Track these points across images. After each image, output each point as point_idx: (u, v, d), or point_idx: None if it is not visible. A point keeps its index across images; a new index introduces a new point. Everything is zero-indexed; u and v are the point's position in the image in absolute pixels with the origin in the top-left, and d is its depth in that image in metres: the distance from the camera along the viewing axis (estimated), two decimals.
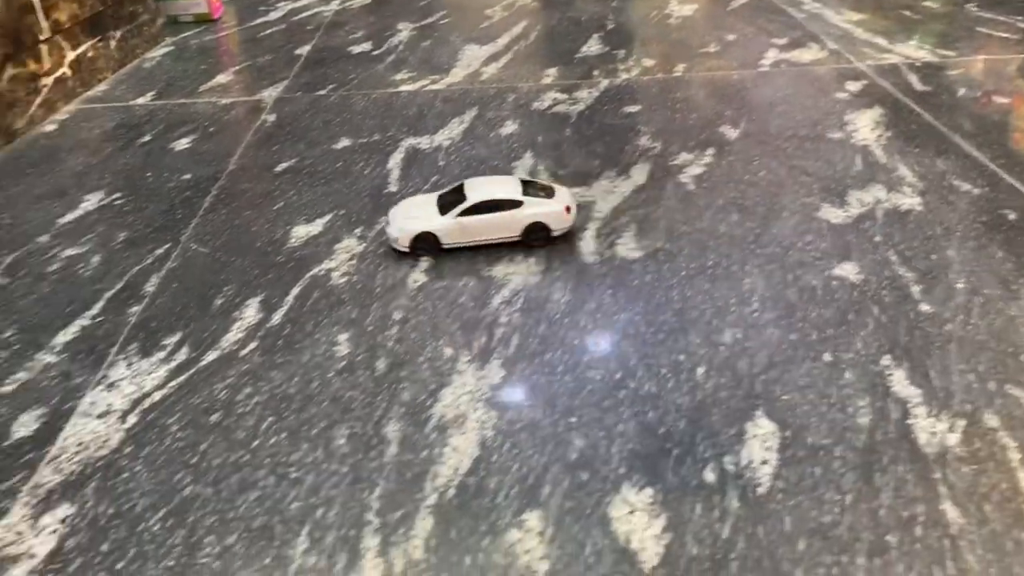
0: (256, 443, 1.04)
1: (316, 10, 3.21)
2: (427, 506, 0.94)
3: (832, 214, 1.49)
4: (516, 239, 1.44)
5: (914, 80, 2.11)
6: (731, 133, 1.85)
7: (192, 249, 1.51)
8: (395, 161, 1.82)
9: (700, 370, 1.12)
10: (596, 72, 2.30)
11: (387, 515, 0.93)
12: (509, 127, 1.96)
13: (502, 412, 1.07)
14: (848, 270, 1.33)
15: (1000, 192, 1.53)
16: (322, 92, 2.26)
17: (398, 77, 2.36)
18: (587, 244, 1.45)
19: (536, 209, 1.42)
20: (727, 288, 1.30)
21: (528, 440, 1.02)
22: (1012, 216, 1.45)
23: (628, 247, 1.43)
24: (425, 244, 1.43)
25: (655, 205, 1.56)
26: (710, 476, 0.96)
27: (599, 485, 0.95)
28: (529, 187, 1.46)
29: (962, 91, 2.02)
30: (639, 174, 1.69)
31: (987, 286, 1.26)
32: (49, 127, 2.15)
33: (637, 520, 0.91)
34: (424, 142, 1.91)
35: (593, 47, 2.53)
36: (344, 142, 1.93)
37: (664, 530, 0.89)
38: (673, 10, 2.91)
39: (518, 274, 1.37)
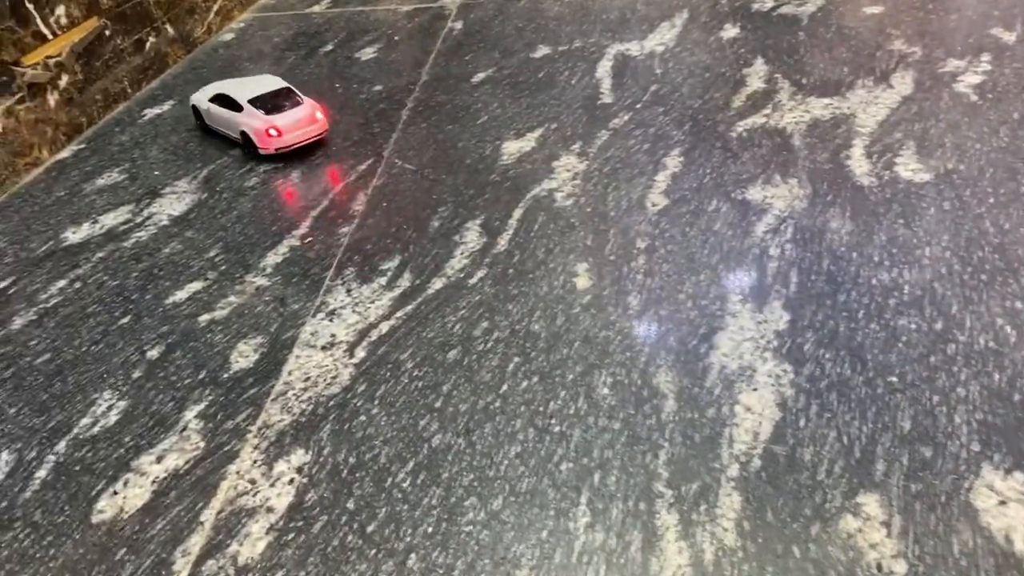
0: (505, 387, 0.89)
1: None
2: (730, 479, 0.76)
3: None
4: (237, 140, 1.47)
5: None
6: (1007, 36, 1.54)
7: (398, 165, 1.36)
8: (604, 70, 1.61)
9: None
10: None
11: (680, 487, 0.76)
12: (730, 31, 1.71)
13: (798, 365, 0.88)
14: None
15: None
16: None
17: None
18: (857, 163, 1.21)
19: (248, 120, 1.42)
20: None
21: (842, 403, 0.82)
22: None
23: (911, 168, 1.19)
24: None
25: (933, 119, 1.30)
26: None
27: (950, 465, 0.75)
28: (273, 98, 1.44)
29: None
30: (902, 83, 1.42)
31: None
32: (227, 36, 2.05)
33: (1014, 513, 0.70)
34: (634, 48, 1.69)
35: None
36: (543, 50, 1.73)
37: None
38: None
39: (780, 198, 1.16)
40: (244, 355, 0.99)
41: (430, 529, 0.75)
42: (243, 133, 1.43)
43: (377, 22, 2.01)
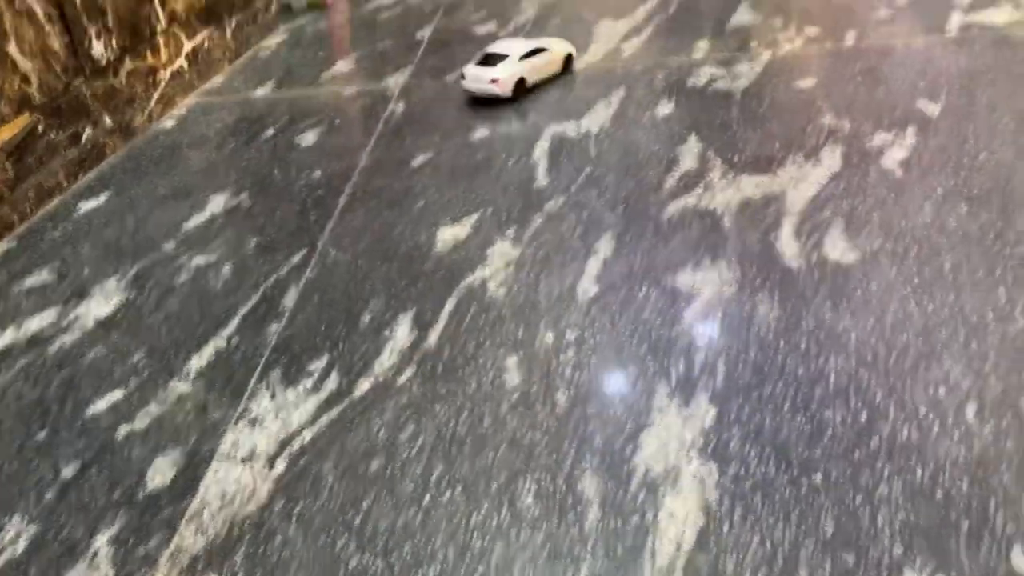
0: (428, 499, 0.87)
1: None
2: None
3: None
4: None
5: None
6: (932, 109, 1.58)
7: (332, 255, 1.35)
8: (540, 151, 1.62)
9: (970, 409, 0.89)
10: (754, 43, 2.05)
11: None
12: (664, 108, 1.74)
13: (723, 464, 0.86)
14: None
15: None
16: (450, 77, 2.09)
17: None
18: (786, 244, 1.22)
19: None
20: (979, 299, 1.05)
21: (766, 504, 0.81)
22: None
23: (839, 248, 1.20)
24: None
25: (860, 196, 1.32)
26: (1022, 563, 0.73)
27: (872, 573, 0.73)
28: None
29: None
30: (831, 159, 1.44)
31: None
32: (168, 123, 2.05)
33: None
34: (570, 129, 1.70)
35: (744, 16, 2.27)
36: (481, 132, 1.75)
37: None
38: None
39: (709, 283, 1.16)
40: (161, 471, 0.96)
41: None
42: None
43: (320, 106, 2.02)
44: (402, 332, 1.14)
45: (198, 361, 1.14)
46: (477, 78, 1.86)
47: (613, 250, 1.27)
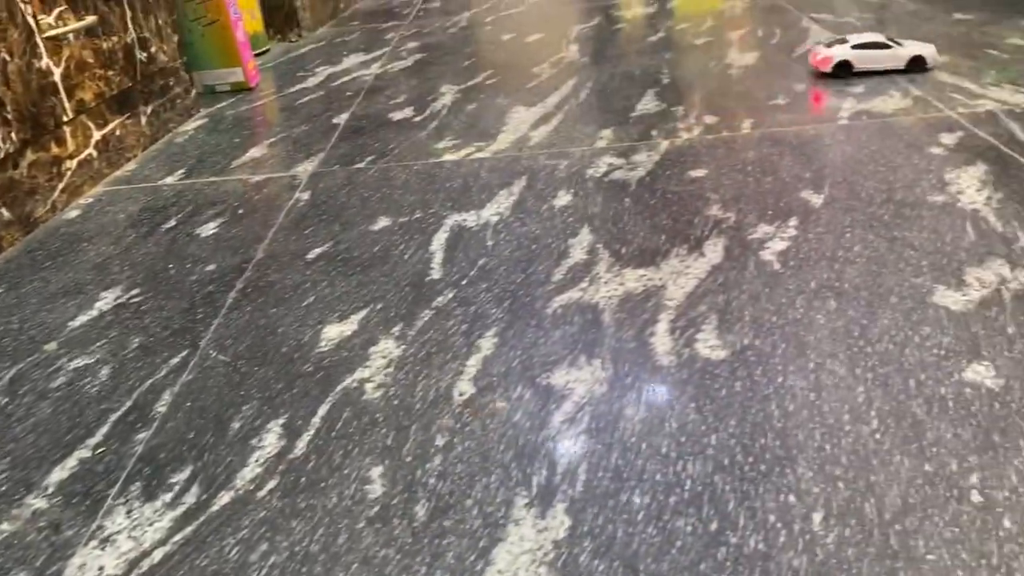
0: None
1: (356, 74, 3.09)
2: None
3: (949, 299, 1.26)
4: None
5: (1016, 129, 1.88)
6: (815, 199, 1.64)
7: (211, 357, 1.33)
8: (439, 243, 1.64)
9: (817, 517, 0.90)
10: (655, 132, 2.11)
11: None
12: (563, 198, 1.77)
13: None
14: (982, 373, 1.09)
15: None
16: (360, 165, 2.11)
17: (441, 145, 2.20)
18: (660, 341, 1.24)
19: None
20: (837, 400, 1.07)
21: None
22: None
23: (710, 344, 1.22)
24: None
25: (736, 290, 1.35)
26: None
27: None
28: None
29: None
30: (713, 251, 1.48)
31: None
32: (72, 213, 2.03)
33: None
34: (470, 219, 1.73)
35: (649, 104, 2.35)
36: (383, 222, 1.76)
37: None
38: (733, 60, 2.71)
39: (581, 382, 1.17)
40: None
41: None
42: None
43: (225, 194, 2.02)
44: (270, 440, 1.12)
45: (59, 473, 1.11)
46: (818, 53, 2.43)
47: (494, 347, 1.27)
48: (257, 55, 3.41)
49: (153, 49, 2.47)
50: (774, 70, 2.55)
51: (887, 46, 2.36)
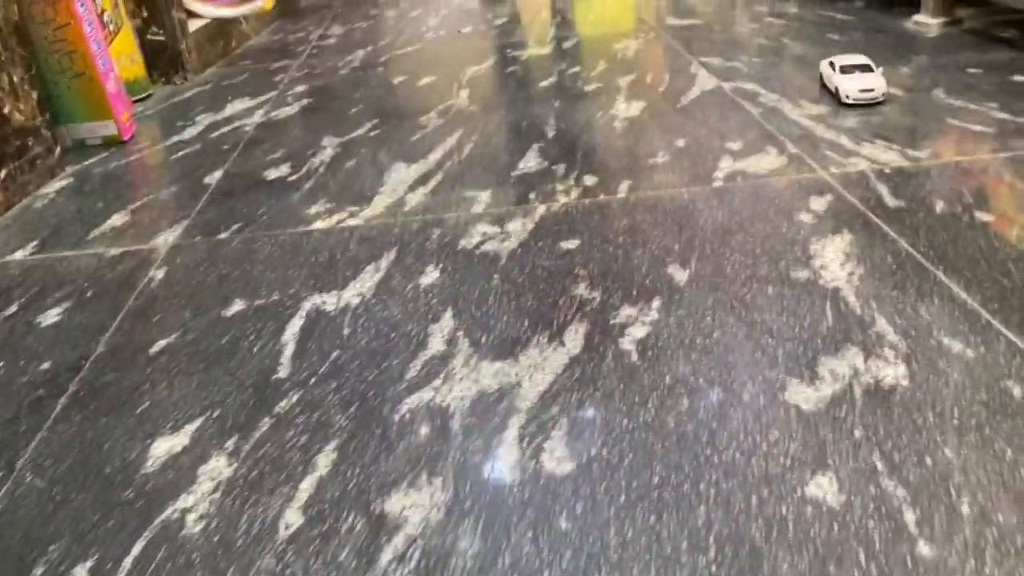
0: None
1: (238, 123, 2.97)
2: None
3: (801, 395, 1.24)
4: None
5: (885, 192, 1.89)
6: (680, 275, 1.61)
7: (27, 482, 1.22)
8: (292, 332, 1.55)
9: None
10: (532, 195, 2.06)
11: None
12: (430, 275, 1.71)
13: None
14: (825, 487, 1.06)
15: (998, 354, 1.29)
16: (223, 235, 2.01)
17: (313, 210, 2.11)
18: (507, 452, 1.18)
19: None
20: (677, 523, 1.03)
21: None
22: (1017, 391, 1.20)
23: (557, 456, 1.17)
24: None
25: (591, 387, 1.30)
26: None
27: None
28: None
29: (940, 205, 1.80)
30: (573, 340, 1.43)
31: (999, 508, 1.00)
32: None
33: None
34: (330, 301, 1.65)
35: (531, 161, 2.30)
36: (237, 305, 1.66)
37: None
38: (619, 111, 2.69)
39: (418, 508, 1.10)
40: None
41: None
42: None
43: (77, 272, 1.89)
44: None
45: None
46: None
47: (332, 465, 1.20)
48: (137, 101, 3.27)
49: (7, 109, 2.32)
50: (657, 122, 2.54)
51: (871, 69, 2.50)
